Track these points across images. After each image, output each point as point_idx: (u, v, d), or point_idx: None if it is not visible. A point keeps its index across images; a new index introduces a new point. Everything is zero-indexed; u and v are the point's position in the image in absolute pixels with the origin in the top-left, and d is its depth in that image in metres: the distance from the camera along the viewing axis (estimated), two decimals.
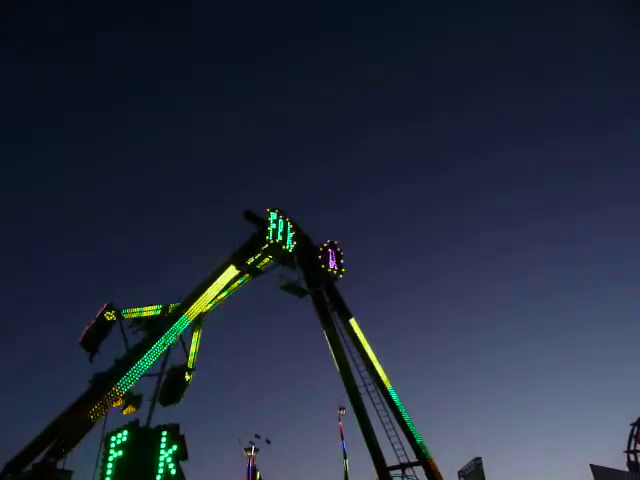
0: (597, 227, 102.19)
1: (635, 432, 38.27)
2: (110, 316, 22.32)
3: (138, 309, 22.99)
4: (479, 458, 37.94)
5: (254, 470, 28.48)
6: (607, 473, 36.84)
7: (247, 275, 23.13)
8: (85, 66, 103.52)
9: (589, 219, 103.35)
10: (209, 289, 20.76)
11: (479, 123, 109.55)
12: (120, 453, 14.22)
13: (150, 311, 22.87)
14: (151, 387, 20.58)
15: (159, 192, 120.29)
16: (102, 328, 22.06)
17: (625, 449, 38.38)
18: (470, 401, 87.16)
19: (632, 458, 37.79)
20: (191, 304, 20.20)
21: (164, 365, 20.95)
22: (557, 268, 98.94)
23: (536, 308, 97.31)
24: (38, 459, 14.98)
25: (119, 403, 19.19)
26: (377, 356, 23.88)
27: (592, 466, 37.50)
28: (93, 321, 22.24)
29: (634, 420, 38.29)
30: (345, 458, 27.69)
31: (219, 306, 24.24)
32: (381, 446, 21.44)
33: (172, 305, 22.63)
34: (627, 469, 37.45)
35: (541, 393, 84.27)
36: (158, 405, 20.39)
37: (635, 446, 38.12)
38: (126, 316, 22.64)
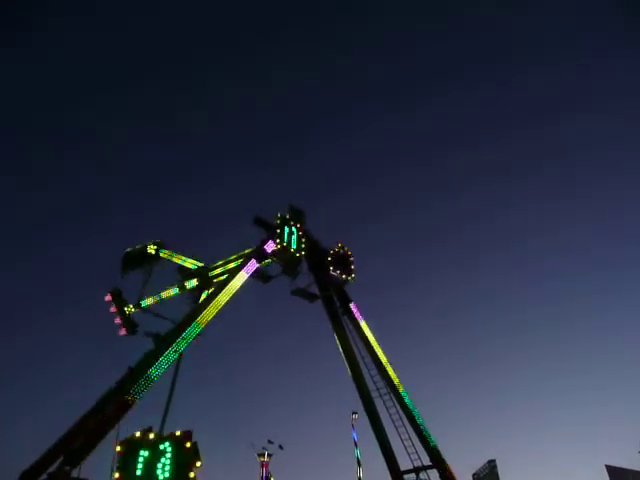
0: (597, 223, 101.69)
1: None
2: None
3: (181, 257, 24.34)
4: (493, 460, 37.78)
5: (268, 476, 28.46)
6: (622, 473, 36.52)
7: None
8: (84, 65, 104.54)
9: (589, 216, 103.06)
10: (220, 295, 20.77)
11: (478, 120, 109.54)
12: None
13: (191, 263, 24.22)
14: (164, 392, 20.70)
15: (159, 192, 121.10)
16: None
17: None
18: (482, 402, 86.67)
19: None
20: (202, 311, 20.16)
21: (176, 374, 21.18)
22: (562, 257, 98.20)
23: (537, 307, 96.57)
24: (53, 468, 14.95)
25: None
26: (389, 359, 23.77)
27: (607, 466, 37.21)
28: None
29: None
30: (356, 447, 28.07)
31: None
32: (394, 449, 21.33)
33: (211, 266, 23.82)
34: None
35: (556, 393, 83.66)
36: (171, 411, 20.48)
37: None
38: (172, 258, 24.44)
